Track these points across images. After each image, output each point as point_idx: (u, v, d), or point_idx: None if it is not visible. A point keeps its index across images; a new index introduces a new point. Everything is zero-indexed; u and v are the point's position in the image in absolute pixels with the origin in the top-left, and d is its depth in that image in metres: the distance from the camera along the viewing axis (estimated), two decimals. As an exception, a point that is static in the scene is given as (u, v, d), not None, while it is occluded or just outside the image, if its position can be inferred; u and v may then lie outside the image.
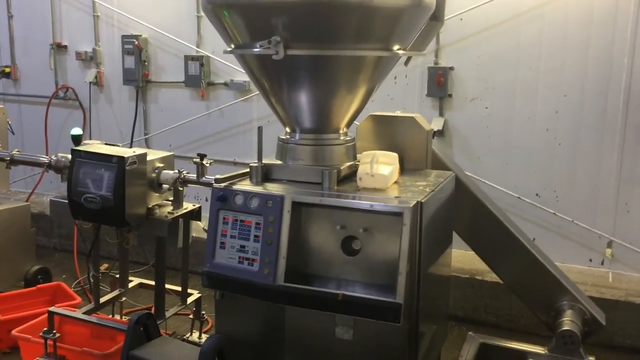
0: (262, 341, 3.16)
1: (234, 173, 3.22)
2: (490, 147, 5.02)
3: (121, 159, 3.29)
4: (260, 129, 3.17)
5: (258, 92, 3.97)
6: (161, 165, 3.60)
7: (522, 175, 4.97)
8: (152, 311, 3.72)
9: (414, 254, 2.79)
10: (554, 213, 4.86)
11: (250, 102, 5.81)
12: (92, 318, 3.62)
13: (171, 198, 3.69)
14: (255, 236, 2.98)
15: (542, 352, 3.48)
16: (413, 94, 5.23)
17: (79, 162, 3.38)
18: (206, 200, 5.67)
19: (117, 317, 4.13)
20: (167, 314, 3.76)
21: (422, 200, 2.83)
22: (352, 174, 3.17)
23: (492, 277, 4.42)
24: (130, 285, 4.07)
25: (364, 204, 2.83)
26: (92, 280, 3.78)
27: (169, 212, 3.57)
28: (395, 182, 3.15)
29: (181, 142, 6.11)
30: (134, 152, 3.38)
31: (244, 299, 3.07)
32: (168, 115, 6.23)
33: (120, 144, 3.86)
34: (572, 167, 4.82)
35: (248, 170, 3.21)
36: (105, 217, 3.34)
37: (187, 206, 3.69)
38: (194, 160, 3.51)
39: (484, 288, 4.70)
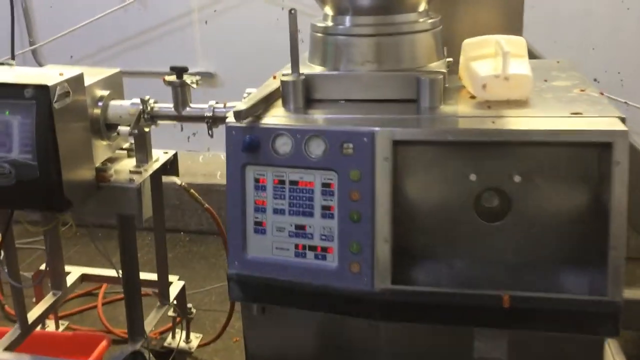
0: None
1: (252, 95, 1.84)
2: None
3: (43, 90, 1.79)
4: (293, 13, 1.78)
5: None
6: (106, 92, 2.13)
7: None
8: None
9: (623, 214, 1.62)
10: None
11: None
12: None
13: (127, 145, 2.27)
14: (325, 208, 1.68)
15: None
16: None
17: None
18: (182, 131, 4.21)
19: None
20: (147, 327, 2.43)
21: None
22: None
23: None
24: (69, 280, 2.67)
25: (536, 132, 1.57)
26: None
27: (132, 172, 2.16)
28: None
29: (88, 51, 4.43)
30: (62, 74, 1.90)
31: (299, 312, 1.82)
32: (63, 12, 4.43)
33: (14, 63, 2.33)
34: None
35: (269, 89, 1.85)
36: (26, 197, 1.87)
37: (157, 156, 2.28)
38: (167, 79, 2.07)
39: None
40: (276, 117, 1.76)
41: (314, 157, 1.65)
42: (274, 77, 2.15)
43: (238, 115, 1.66)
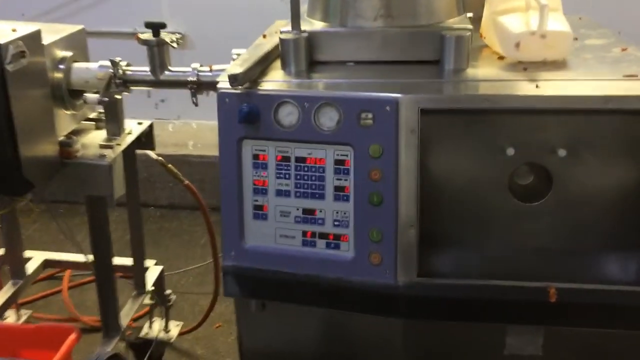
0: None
1: (246, 56, 1.56)
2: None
3: None
4: (294, -42, 1.50)
5: None
6: (68, 54, 1.82)
7: None
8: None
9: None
10: None
11: None
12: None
13: (94, 115, 1.96)
14: (339, 189, 1.43)
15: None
16: None
17: None
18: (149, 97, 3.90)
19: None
20: (124, 320, 2.15)
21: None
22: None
23: None
24: (30, 267, 2.36)
25: (591, 98, 1.33)
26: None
27: (102, 146, 1.85)
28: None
29: (42, 9, 4.01)
30: (15, 30, 1.57)
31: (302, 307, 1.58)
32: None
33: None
34: None
35: (264, 49, 1.58)
36: None
37: (130, 127, 1.98)
38: (142, 37, 1.76)
39: None
40: (276, 82, 1.49)
41: (326, 130, 1.39)
42: (264, 37, 1.87)
43: (234, 79, 1.38)
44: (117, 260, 2.23)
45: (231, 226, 1.49)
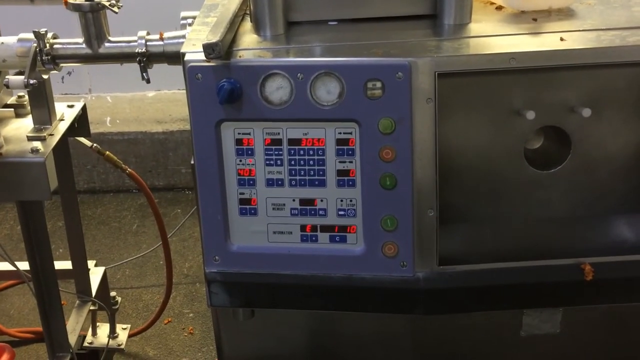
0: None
1: (215, 20, 1.29)
2: None
3: None
4: None
5: None
6: (-23, 26, 1.46)
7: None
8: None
9: None
10: None
11: None
12: None
13: (12, 99, 1.61)
14: (343, 173, 1.21)
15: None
16: None
17: None
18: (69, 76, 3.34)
19: None
20: (71, 336, 1.83)
21: None
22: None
23: None
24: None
25: (631, 47, 1.18)
26: None
27: (31, 138, 1.50)
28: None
29: None
30: None
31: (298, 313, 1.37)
32: None
33: None
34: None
35: (229, 11, 1.31)
36: None
37: (61, 112, 1.63)
38: (72, 1, 1.42)
39: None
40: (255, 49, 1.24)
41: (325, 104, 1.16)
42: (218, -6, 1.61)
43: (211, 50, 1.12)
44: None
45: (213, 226, 1.25)
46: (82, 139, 1.75)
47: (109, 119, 3.55)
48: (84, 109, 1.70)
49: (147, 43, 1.48)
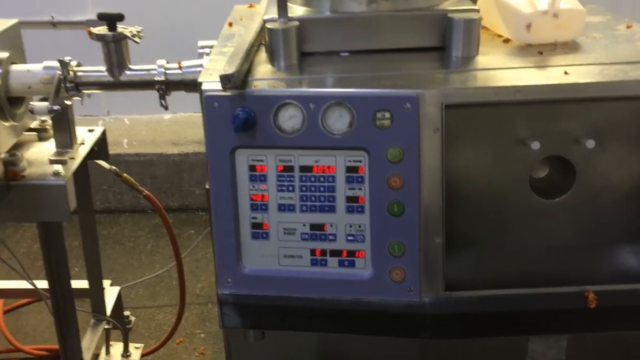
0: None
1: (233, 51, 1.34)
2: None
3: None
4: None
5: None
6: (4, 54, 1.51)
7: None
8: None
9: None
10: None
11: None
12: None
13: (35, 124, 1.67)
14: (352, 199, 1.25)
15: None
16: None
17: None
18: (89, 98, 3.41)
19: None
20: (86, 354, 1.87)
21: None
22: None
23: None
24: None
25: (632, 82, 1.21)
26: None
27: (53, 161, 1.57)
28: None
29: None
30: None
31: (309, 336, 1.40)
32: None
33: None
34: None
35: (245, 42, 1.36)
36: None
37: (81, 137, 1.70)
38: (95, 31, 1.48)
39: None
40: (269, 79, 1.29)
41: (336, 133, 1.21)
42: (230, 25, 1.67)
43: (227, 80, 1.17)
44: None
45: (226, 249, 1.29)
46: (101, 162, 1.81)
47: (126, 140, 3.63)
48: (103, 133, 1.76)
49: (166, 71, 1.54)
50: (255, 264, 1.30)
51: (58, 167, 1.55)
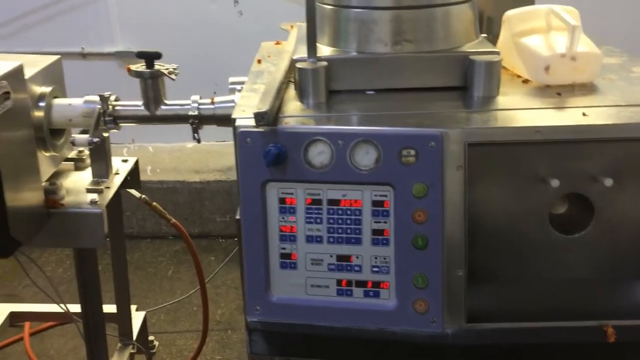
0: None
1: (264, 89, 1.42)
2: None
3: None
4: (310, -20, 1.37)
5: None
6: (48, 89, 1.61)
7: None
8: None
9: None
10: None
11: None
12: None
13: (73, 154, 1.75)
14: (378, 232, 1.31)
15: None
16: None
17: None
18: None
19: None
20: None
21: None
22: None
23: None
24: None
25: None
26: None
27: (90, 190, 1.64)
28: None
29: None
30: (-6, 67, 1.35)
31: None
32: None
33: None
34: None
35: (276, 80, 1.44)
36: None
37: (116, 167, 1.78)
38: (134, 68, 1.57)
39: None
40: (299, 117, 1.36)
41: (363, 169, 1.27)
42: (259, 62, 1.74)
43: (261, 118, 1.24)
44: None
45: (255, 278, 1.34)
46: (133, 191, 1.88)
47: (150, 168, 3.71)
48: (136, 163, 1.84)
49: (200, 106, 1.62)
50: (283, 293, 1.35)
51: (95, 196, 1.62)
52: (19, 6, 3.67)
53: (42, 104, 1.59)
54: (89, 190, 1.64)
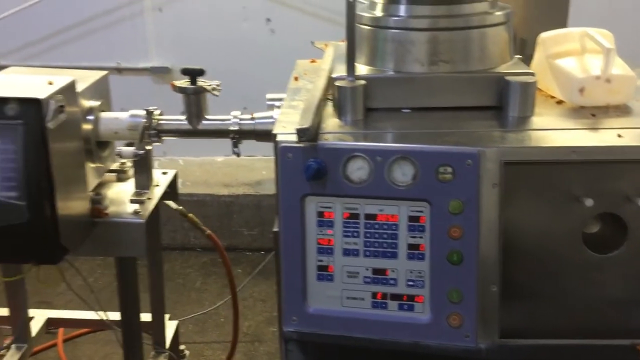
0: None
1: (305, 106, 1.47)
2: None
3: (32, 105, 1.31)
4: (351, 2, 1.42)
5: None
6: (96, 103, 1.68)
7: None
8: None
9: None
10: None
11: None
12: None
13: (115, 165, 1.81)
14: (413, 247, 1.34)
15: None
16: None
17: None
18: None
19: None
20: None
21: None
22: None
23: None
24: (33, 329, 2.16)
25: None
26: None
27: (133, 201, 1.71)
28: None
29: (15, 45, 3.82)
30: (51, 83, 1.42)
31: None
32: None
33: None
34: None
35: (316, 97, 1.48)
36: (9, 248, 1.37)
37: (155, 179, 1.83)
38: (178, 84, 1.64)
39: None
40: (338, 133, 1.40)
41: (400, 185, 1.31)
42: (296, 79, 1.79)
43: (303, 134, 1.29)
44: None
45: (293, 289, 1.38)
46: (170, 203, 1.93)
47: (180, 180, 3.76)
48: (175, 176, 1.90)
49: (240, 122, 1.67)
50: (319, 304, 1.38)
51: (137, 207, 1.68)
52: (59, 22, 3.79)
53: (90, 117, 1.66)
54: (132, 201, 1.70)
